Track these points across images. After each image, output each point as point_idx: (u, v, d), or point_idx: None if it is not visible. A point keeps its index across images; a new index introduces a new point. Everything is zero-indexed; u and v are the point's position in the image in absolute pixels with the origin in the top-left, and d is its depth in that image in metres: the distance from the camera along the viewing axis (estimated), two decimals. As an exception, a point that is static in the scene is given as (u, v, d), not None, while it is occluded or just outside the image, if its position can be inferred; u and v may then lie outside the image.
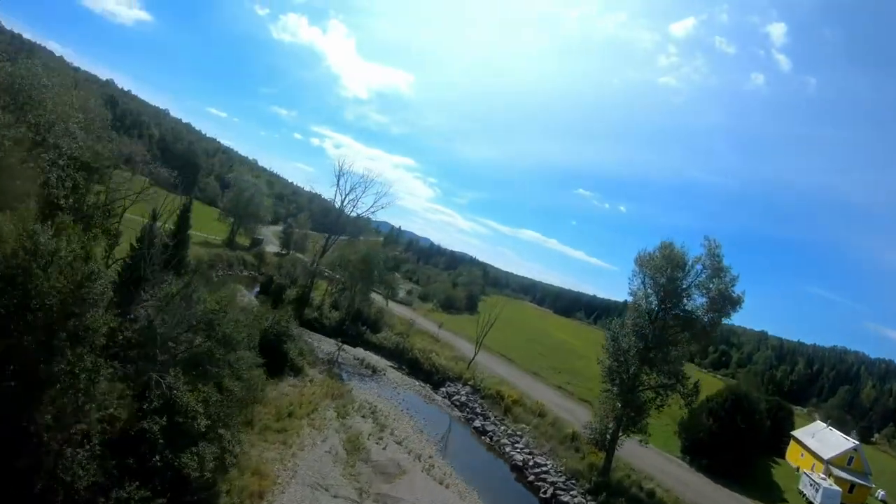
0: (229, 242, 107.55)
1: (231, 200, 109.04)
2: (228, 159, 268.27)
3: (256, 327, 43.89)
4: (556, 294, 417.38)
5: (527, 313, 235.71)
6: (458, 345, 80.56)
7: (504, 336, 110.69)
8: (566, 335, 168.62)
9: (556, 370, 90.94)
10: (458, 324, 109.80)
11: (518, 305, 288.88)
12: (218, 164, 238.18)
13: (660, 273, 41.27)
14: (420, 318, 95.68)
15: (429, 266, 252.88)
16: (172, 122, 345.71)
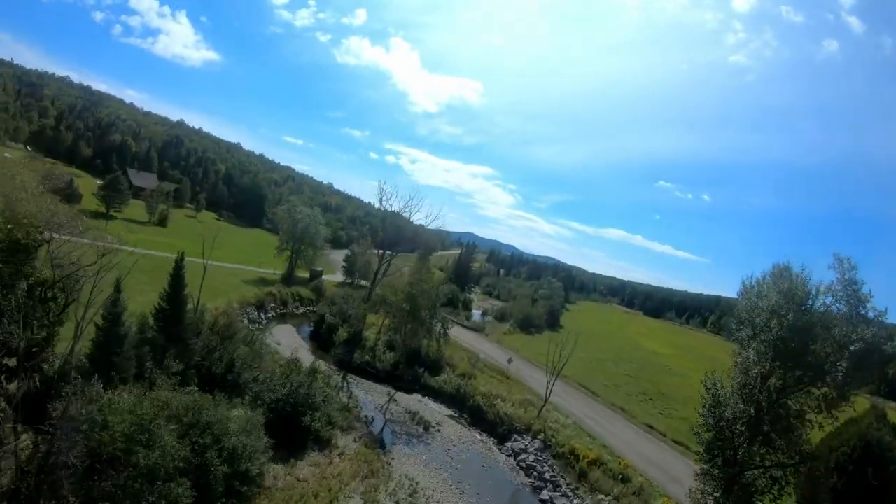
0: (287, 277, 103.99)
1: (286, 232, 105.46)
2: (297, 186, 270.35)
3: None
4: (645, 294, 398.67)
5: (614, 319, 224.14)
6: (532, 378, 72.08)
7: (587, 355, 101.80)
8: (656, 343, 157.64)
9: (644, 397, 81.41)
10: (536, 346, 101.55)
11: (605, 310, 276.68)
12: (287, 191, 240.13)
13: (774, 318, 30.90)
14: (490, 347, 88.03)
15: (510, 277, 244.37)
16: (244, 154, 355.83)
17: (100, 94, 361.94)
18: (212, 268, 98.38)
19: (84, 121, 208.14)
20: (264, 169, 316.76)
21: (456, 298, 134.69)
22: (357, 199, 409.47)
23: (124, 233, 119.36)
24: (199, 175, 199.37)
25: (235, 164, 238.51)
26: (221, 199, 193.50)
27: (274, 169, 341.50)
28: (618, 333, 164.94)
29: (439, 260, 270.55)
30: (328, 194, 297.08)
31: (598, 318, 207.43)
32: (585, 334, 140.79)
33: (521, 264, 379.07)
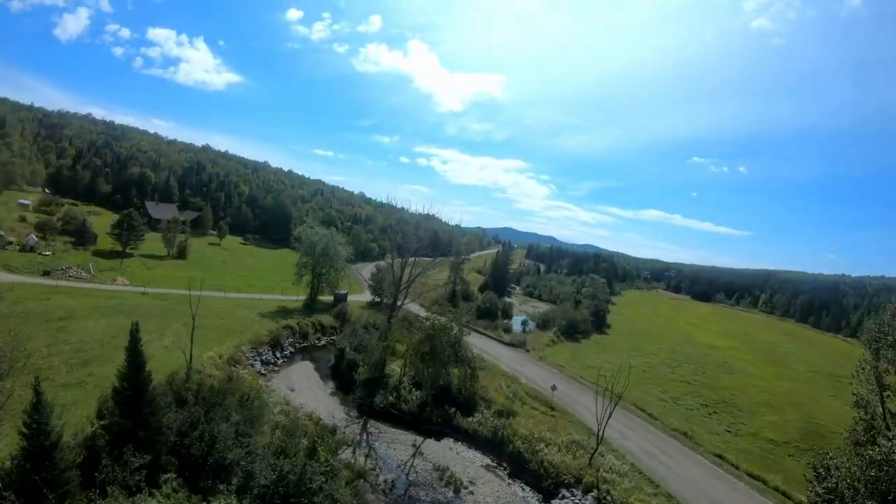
0: (310, 303, 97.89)
1: (305, 254, 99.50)
2: (326, 200, 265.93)
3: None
4: (691, 276, 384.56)
5: (662, 309, 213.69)
6: (581, 406, 63.56)
7: (639, 361, 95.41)
8: (709, 335, 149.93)
9: (707, 410, 73.08)
10: (583, 355, 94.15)
11: (651, 299, 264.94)
12: (315, 206, 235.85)
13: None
14: (532, 367, 79.76)
15: (550, 274, 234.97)
16: (271, 172, 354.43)
17: (123, 127, 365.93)
18: (228, 302, 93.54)
19: (103, 157, 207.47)
20: (293, 185, 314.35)
21: (494, 307, 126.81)
22: (389, 206, 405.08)
23: (141, 269, 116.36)
24: (221, 200, 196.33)
25: (260, 185, 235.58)
26: (246, 221, 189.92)
27: (303, 184, 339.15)
28: (667, 328, 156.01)
29: (477, 261, 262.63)
30: (358, 205, 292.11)
31: (645, 310, 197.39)
32: (633, 334, 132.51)
33: (562, 257, 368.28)
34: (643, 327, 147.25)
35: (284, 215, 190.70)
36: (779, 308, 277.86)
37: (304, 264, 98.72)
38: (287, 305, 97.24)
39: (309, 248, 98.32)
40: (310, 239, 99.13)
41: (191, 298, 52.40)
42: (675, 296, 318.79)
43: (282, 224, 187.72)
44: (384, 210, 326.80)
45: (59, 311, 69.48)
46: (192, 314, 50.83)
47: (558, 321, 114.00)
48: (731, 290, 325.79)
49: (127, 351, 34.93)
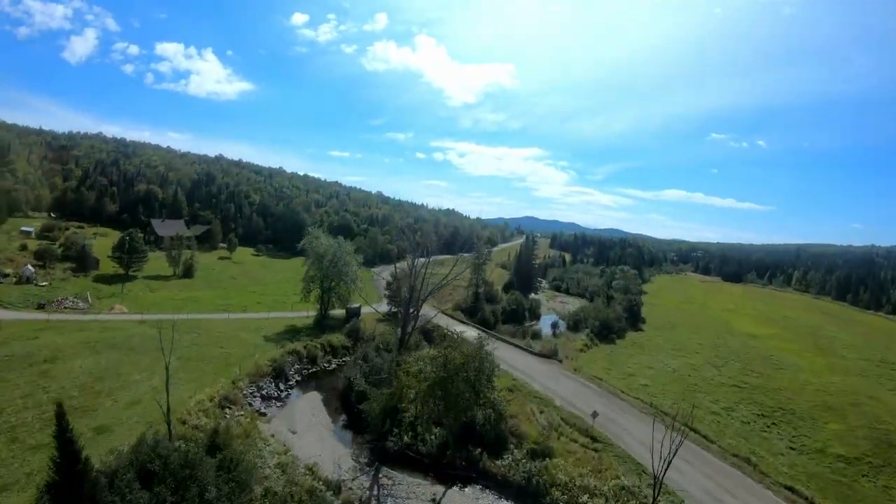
0: (320, 320, 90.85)
1: (313, 266, 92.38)
2: (341, 203, 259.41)
3: None
4: (719, 255, 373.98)
5: (695, 295, 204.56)
6: (628, 434, 55.30)
7: (680, 362, 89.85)
8: (748, 322, 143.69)
9: (765, 422, 65.92)
10: (622, 361, 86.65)
11: (682, 283, 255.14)
12: (331, 210, 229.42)
13: None
14: (566, 382, 71.64)
15: (577, 265, 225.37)
16: (285, 178, 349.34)
17: (134, 143, 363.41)
18: (232, 325, 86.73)
19: (109, 176, 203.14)
20: (308, 189, 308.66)
21: (520, 308, 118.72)
22: (409, 204, 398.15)
23: (144, 292, 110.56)
24: (231, 211, 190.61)
25: (271, 193, 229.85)
26: (258, 231, 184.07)
27: (319, 188, 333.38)
28: (704, 316, 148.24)
29: (501, 255, 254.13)
30: (375, 206, 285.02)
31: (677, 297, 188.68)
32: (670, 327, 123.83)
33: (586, 245, 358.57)
34: (679, 318, 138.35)
35: (297, 222, 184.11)
36: (813, 286, 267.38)
37: (312, 278, 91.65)
38: (296, 324, 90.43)
39: (315, 261, 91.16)
40: (316, 250, 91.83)
41: (162, 341, 44.99)
42: (704, 278, 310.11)
43: (294, 232, 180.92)
44: (402, 209, 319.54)
45: (44, 352, 63.52)
46: (166, 363, 43.36)
47: (591, 322, 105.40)
48: (762, 268, 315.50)
49: (56, 438, 27.70)
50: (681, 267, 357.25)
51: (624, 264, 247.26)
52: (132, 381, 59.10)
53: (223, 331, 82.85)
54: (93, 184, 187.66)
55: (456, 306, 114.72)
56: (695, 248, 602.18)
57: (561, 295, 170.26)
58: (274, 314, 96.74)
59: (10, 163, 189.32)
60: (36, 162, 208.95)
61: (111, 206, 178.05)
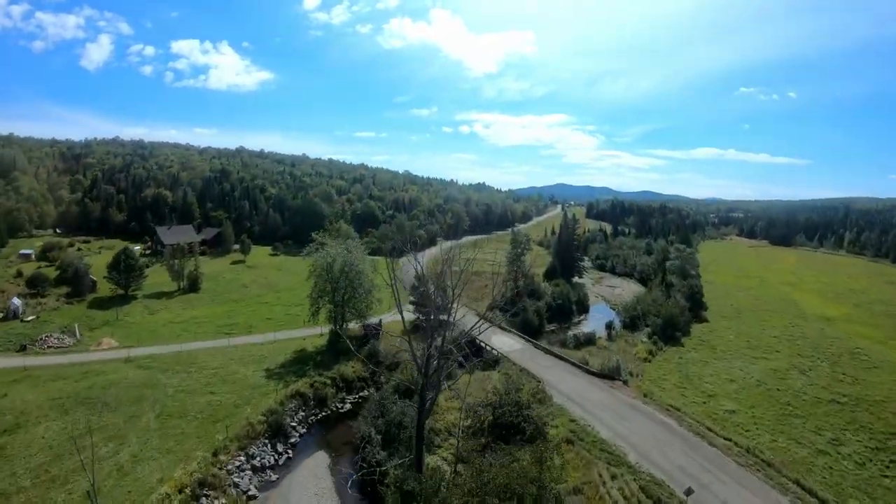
0: (335, 340, 75.89)
1: (320, 279, 77.08)
2: (365, 188, 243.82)
3: None
4: (759, 215, 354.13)
5: (748, 265, 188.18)
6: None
7: (763, 369, 74.00)
8: (815, 299, 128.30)
9: (883, 456, 49.98)
10: (694, 369, 71.57)
11: (730, 250, 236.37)
12: (355, 197, 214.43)
13: None
14: (639, 425, 55.15)
15: (620, 238, 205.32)
16: (309, 165, 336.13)
17: (151, 144, 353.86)
18: (231, 354, 73.10)
19: (117, 183, 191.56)
20: (332, 175, 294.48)
21: (567, 302, 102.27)
22: (438, 182, 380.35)
23: (142, 315, 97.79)
24: (245, 209, 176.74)
25: (289, 185, 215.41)
26: (275, 228, 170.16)
27: (343, 172, 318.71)
28: (766, 294, 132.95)
29: (537, 230, 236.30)
30: (401, 188, 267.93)
31: (730, 269, 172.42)
32: (736, 315, 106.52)
33: (625, 213, 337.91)
34: (742, 301, 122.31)
35: (315, 215, 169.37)
36: (869, 248, 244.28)
37: (322, 291, 76.23)
38: (307, 346, 76.22)
39: (322, 272, 75.92)
40: (321, 260, 76.56)
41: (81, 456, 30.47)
42: (752, 242, 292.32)
43: (314, 225, 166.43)
44: (431, 188, 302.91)
45: (8, 417, 52.52)
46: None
47: (652, 320, 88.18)
48: (811, 229, 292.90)
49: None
50: (723, 230, 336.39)
51: (668, 233, 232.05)
52: (98, 457, 45.92)
53: (219, 366, 69.56)
54: (98, 195, 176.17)
55: (493, 304, 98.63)
56: (734, 208, 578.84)
57: (606, 276, 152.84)
58: (283, 334, 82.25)
59: (14, 180, 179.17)
60: (44, 176, 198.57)
61: (118, 216, 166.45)
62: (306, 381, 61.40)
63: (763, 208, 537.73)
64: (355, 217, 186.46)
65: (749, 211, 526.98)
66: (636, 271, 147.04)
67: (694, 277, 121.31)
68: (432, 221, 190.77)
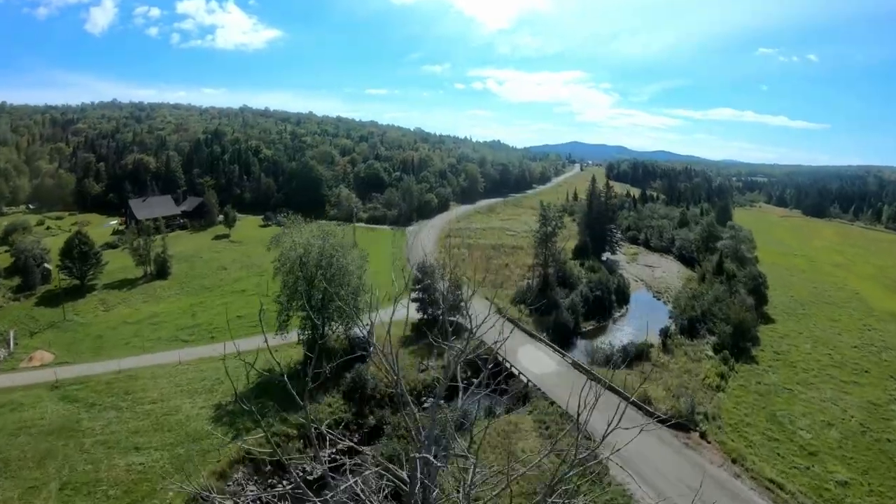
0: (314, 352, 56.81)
1: (290, 277, 57.13)
2: (371, 148, 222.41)
3: None
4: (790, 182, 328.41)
5: (788, 239, 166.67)
6: None
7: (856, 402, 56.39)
8: (879, 290, 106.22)
9: None
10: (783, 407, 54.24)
11: (763, 220, 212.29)
12: (360, 157, 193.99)
13: None
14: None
15: (649, 206, 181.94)
16: (315, 122, 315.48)
17: (150, 106, 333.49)
18: (178, 378, 56.93)
19: (99, 150, 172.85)
20: (340, 132, 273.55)
21: (605, 291, 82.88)
22: (451, 139, 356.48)
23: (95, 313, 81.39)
24: (235, 173, 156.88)
25: (288, 146, 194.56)
26: (269, 194, 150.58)
27: (351, 130, 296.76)
28: (821, 280, 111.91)
29: (557, 193, 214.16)
30: (410, 147, 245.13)
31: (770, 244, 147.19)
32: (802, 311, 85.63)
33: (648, 175, 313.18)
34: (800, 289, 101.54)
35: (312, 180, 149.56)
36: None
37: (292, 293, 56.49)
38: (275, 364, 57.32)
39: (286, 263, 56.18)
40: (291, 252, 56.55)
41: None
42: (782, 211, 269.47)
43: (310, 191, 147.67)
44: (443, 147, 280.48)
45: None
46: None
47: (719, 327, 67.50)
48: (844, 200, 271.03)
49: None
50: (749, 197, 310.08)
51: (697, 199, 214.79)
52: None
53: (160, 396, 53.78)
54: (75, 164, 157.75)
55: (518, 296, 79.23)
56: (755, 172, 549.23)
57: (641, 251, 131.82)
58: (250, 342, 62.56)
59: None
60: (25, 146, 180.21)
61: (94, 188, 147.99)
62: (254, 441, 42.92)
63: (787, 174, 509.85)
64: (358, 180, 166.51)
65: (772, 175, 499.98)
66: (674, 247, 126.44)
67: (751, 262, 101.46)
68: (444, 184, 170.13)
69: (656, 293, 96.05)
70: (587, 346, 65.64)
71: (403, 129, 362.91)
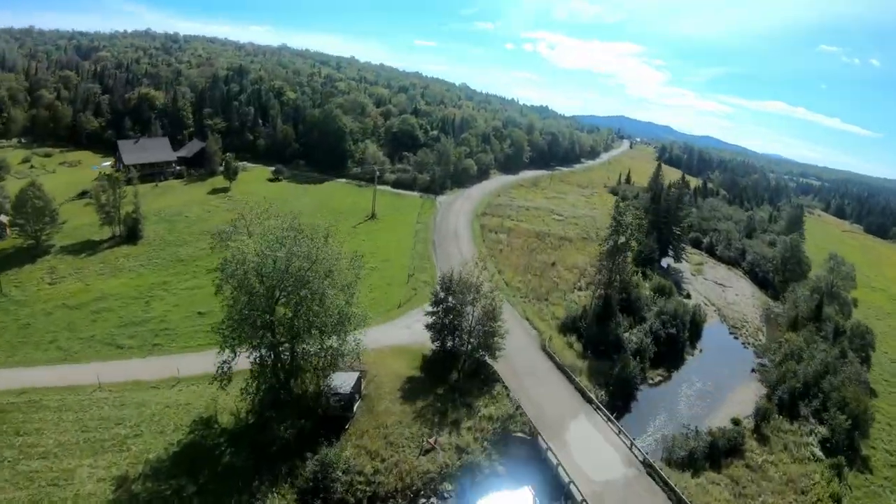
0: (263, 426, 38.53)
1: (238, 289, 36.60)
2: (410, 100, 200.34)
3: None
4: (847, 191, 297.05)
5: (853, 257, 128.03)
6: None
7: None
8: None
9: None
10: None
11: (824, 234, 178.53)
12: (395, 108, 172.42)
13: None
14: None
15: (710, 201, 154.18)
16: (355, 68, 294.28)
17: (184, 38, 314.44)
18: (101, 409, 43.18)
19: (105, 81, 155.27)
20: (380, 80, 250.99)
21: (680, 324, 62.71)
22: (497, 99, 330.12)
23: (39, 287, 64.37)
24: (249, 116, 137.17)
25: (316, 90, 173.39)
26: (286, 144, 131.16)
27: (392, 80, 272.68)
28: None
29: (605, 171, 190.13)
30: (451, 104, 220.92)
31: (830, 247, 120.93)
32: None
33: (704, 164, 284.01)
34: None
35: (335, 131, 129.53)
36: None
37: (242, 330, 36.23)
38: (220, 413, 40.43)
39: (242, 283, 36.37)
40: (240, 264, 36.36)
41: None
42: (840, 223, 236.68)
43: (332, 144, 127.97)
44: (489, 107, 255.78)
45: None
46: None
47: (834, 418, 46.57)
48: None
49: None
50: (804, 201, 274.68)
51: (760, 200, 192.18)
52: None
53: (58, 445, 37.95)
54: (74, 97, 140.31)
55: (568, 321, 59.25)
56: (805, 172, 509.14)
57: (706, 259, 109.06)
58: (203, 359, 43.78)
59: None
60: (33, 73, 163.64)
61: (91, 123, 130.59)
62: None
63: (840, 180, 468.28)
64: (389, 136, 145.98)
65: (823, 179, 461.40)
66: (744, 260, 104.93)
67: (849, 305, 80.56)
68: (486, 149, 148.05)
69: (732, 328, 75.43)
70: (659, 424, 46.67)
71: (448, 84, 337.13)
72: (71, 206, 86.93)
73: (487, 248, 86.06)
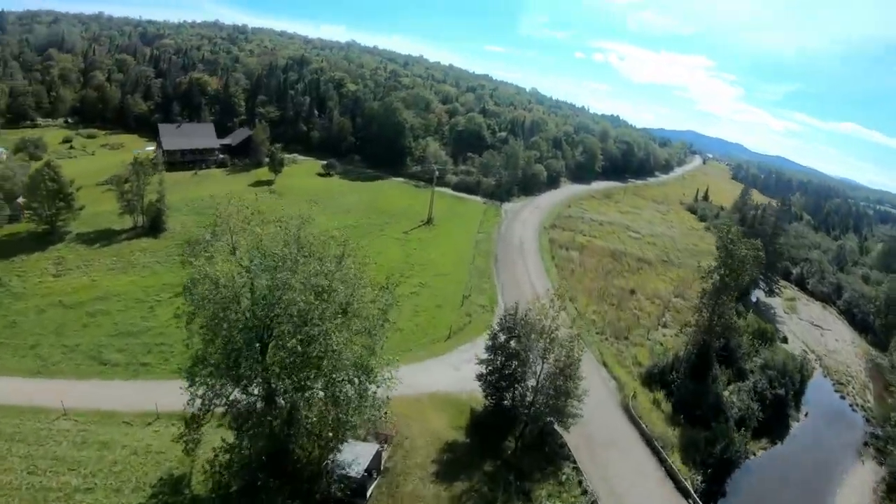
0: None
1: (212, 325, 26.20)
2: (478, 99, 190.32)
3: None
4: None
5: None
6: None
7: None
8: None
9: None
10: None
11: None
12: (462, 107, 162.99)
13: None
14: None
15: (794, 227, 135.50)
16: (423, 67, 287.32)
17: (252, 30, 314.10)
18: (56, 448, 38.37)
19: (160, 66, 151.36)
20: (448, 80, 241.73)
21: (789, 384, 51.88)
22: (568, 106, 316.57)
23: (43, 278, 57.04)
24: (305, 106, 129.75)
25: (379, 83, 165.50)
26: (341, 137, 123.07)
27: (460, 79, 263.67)
28: None
29: (680, 186, 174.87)
30: (522, 106, 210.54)
31: None
32: None
33: (784, 186, 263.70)
34: None
35: (395, 125, 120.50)
36: None
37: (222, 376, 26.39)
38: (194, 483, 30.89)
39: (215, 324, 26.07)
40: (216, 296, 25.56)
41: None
42: None
43: (391, 139, 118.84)
44: (560, 111, 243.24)
45: None
46: None
47: None
48: None
49: None
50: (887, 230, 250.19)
51: (846, 228, 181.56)
52: None
53: None
54: (126, 80, 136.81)
55: (655, 371, 47.58)
56: (881, 199, 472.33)
57: (797, 294, 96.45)
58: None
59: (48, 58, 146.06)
60: (91, 54, 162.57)
61: (140, 105, 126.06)
62: None
63: None
64: (454, 135, 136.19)
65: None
66: (840, 298, 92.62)
67: None
68: (557, 155, 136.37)
69: (837, 383, 63.57)
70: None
71: (518, 88, 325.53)
72: (95, 191, 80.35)
73: (557, 266, 74.79)
